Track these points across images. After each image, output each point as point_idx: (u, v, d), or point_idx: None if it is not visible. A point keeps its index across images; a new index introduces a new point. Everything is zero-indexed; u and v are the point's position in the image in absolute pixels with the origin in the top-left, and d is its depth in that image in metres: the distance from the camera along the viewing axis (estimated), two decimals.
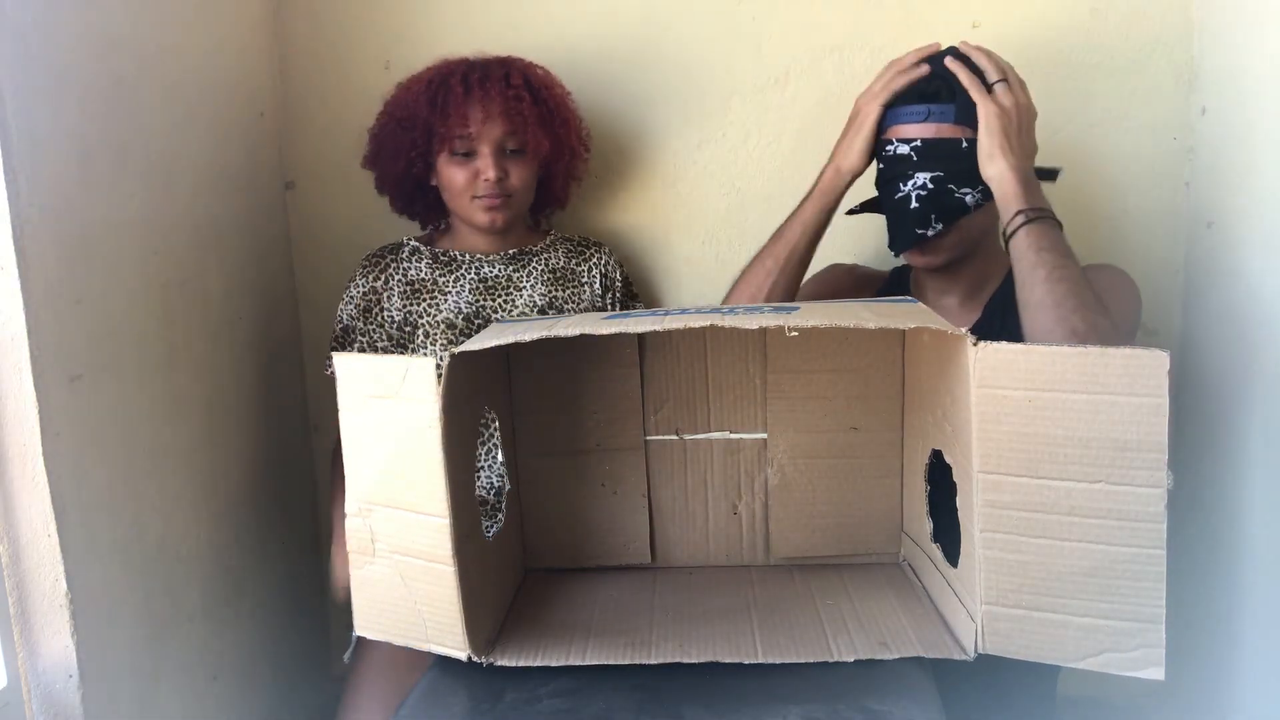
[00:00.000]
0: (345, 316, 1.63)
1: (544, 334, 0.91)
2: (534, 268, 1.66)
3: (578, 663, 0.98)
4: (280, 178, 1.84)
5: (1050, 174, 1.45)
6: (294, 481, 1.85)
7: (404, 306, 1.61)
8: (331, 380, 1.00)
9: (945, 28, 1.71)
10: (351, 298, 1.63)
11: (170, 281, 1.45)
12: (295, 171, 1.85)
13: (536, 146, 1.56)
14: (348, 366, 0.96)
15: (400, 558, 0.97)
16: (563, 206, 1.75)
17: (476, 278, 1.63)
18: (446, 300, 1.61)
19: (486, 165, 1.53)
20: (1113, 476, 0.85)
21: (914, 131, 1.35)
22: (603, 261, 1.69)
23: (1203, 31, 1.65)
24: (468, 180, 1.55)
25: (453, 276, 1.63)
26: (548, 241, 1.69)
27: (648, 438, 1.21)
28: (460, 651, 0.97)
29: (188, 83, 1.52)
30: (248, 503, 1.66)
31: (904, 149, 1.35)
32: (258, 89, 1.76)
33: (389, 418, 0.94)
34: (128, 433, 1.34)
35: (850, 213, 1.53)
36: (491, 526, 1.13)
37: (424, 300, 1.61)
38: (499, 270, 1.64)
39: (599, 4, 1.78)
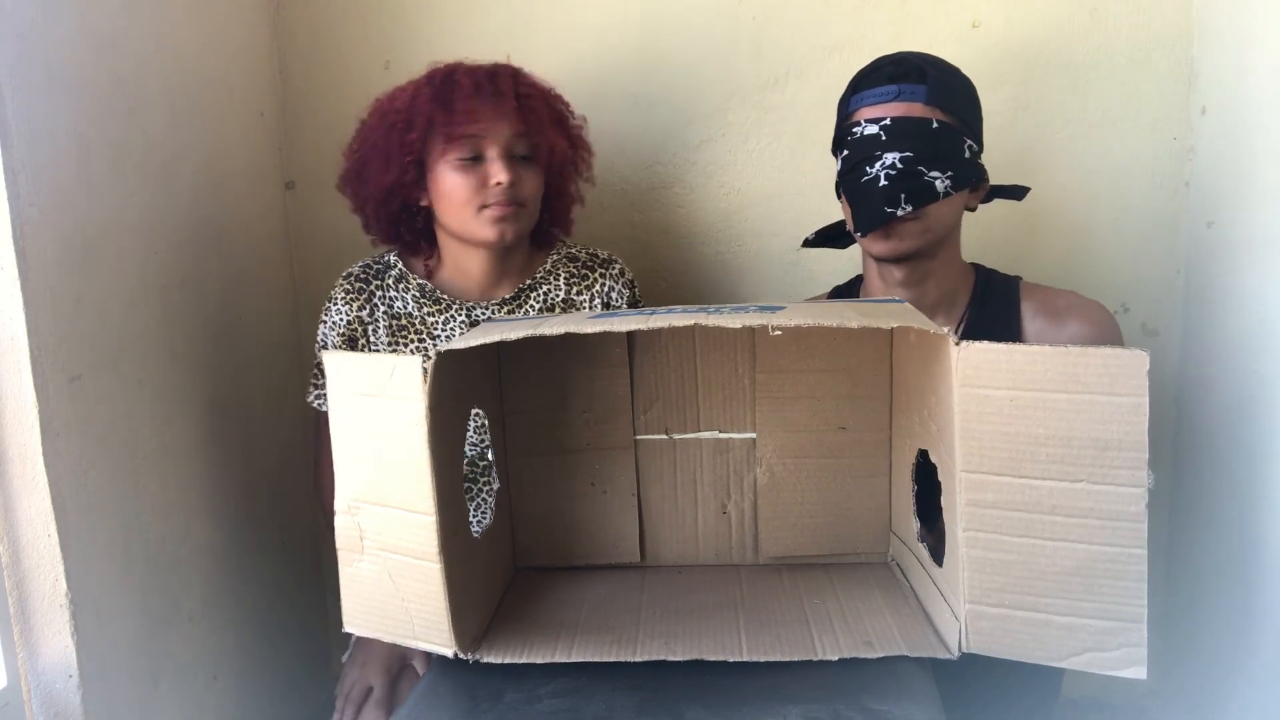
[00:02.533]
0: (329, 343, 1.50)
1: (529, 333, 0.92)
2: (530, 307, 1.51)
3: (563, 660, 0.99)
4: (280, 178, 1.86)
5: (1019, 192, 1.44)
6: (293, 481, 1.86)
7: (390, 343, 1.50)
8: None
9: (945, 28, 1.71)
10: (335, 324, 1.49)
11: (170, 281, 1.46)
12: (295, 171, 1.87)
13: (551, 150, 1.43)
14: (337, 365, 0.97)
15: (388, 555, 0.97)
16: (566, 232, 1.60)
17: (468, 320, 1.49)
18: (436, 346, 1.46)
19: (499, 169, 1.37)
20: (1094, 476, 0.85)
21: (883, 111, 1.32)
22: (606, 287, 1.53)
23: (1203, 31, 1.64)
24: (475, 188, 1.38)
25: (441, 318, 1.49)
26: (550, 265, 1.53)
27: (637, 437, 1.21)
28: (446, 648, 0.97)
29: (187, 82, 1.53)
30: (248, 503, 1.67)
31: (872, 129, 1.31)
32: (258, 89, 1.77)
33: (377, 416, 0.94)
34: (128, 433, 1.35)
35: (806, 244, 1.53)
36: (480, 524, 1.13)
37: (411, 341, 1.49)
38: (491, 314, 1.50)
39: (599, 3, 1.78)
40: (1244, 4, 1.52)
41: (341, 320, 1.49)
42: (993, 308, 1.40)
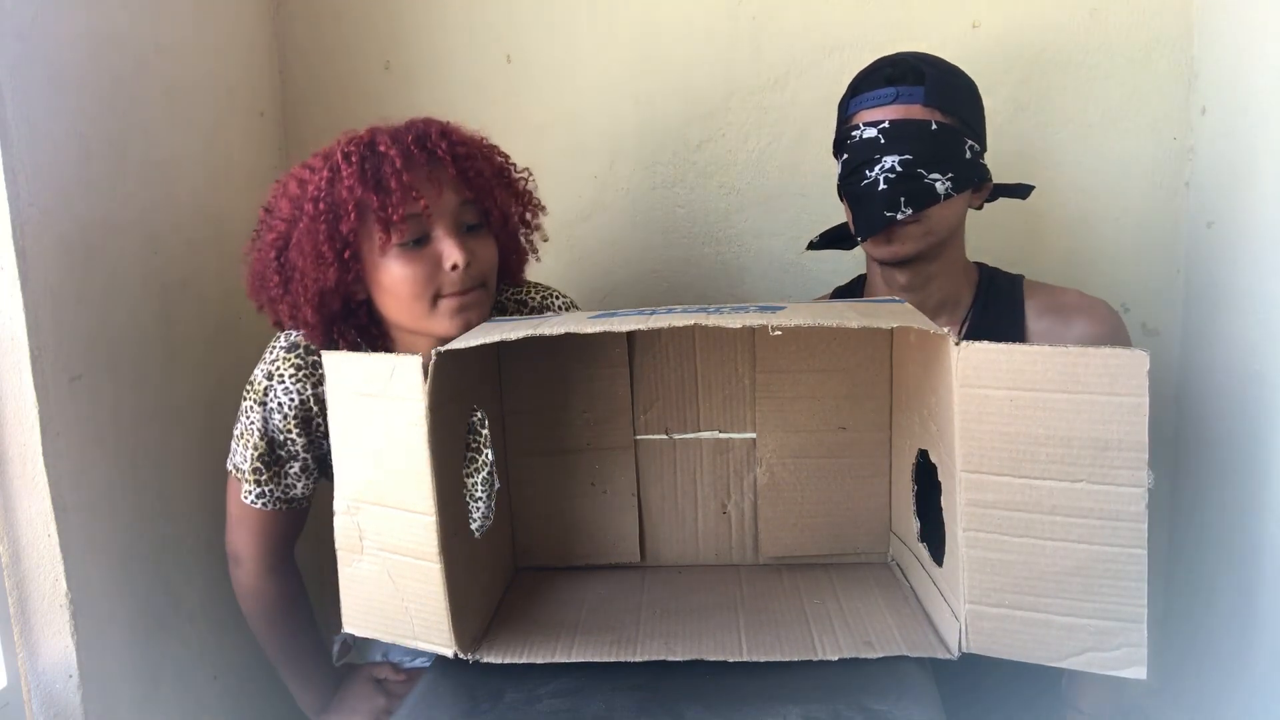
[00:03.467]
0: (273, 428, 1.27)
1: (529, 333, 0.92)
2: None
3: (564, 660, 0.99)
4: (280, 178, 1.85)
5: (1023, 190, 1.44)
6: None
7: None
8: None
9: (945, 28, 1.71)
10: (282, 407, 1.26)
11: (170, 281, 1.46)
12: None
13: (503, 214, 1.26)
14: (337, 365, 0.97)
15: (388, 555, 0.97)
16: (516, 283, 1.41)
17: None
18: None
19: (451, 249, 1.17)
20: (1094, 476, 0.85)
21: (881, 114, 1.31)
22: None
23: (1203, 31, 1.64)
24: (427, 277, 1.18)
25: None
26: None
27: (637, 437, 1.21)
28: (446, 648, 0.97)
29: (187, 82, 1.53)
30: None
31: (871, 132, 1.31)
32: (258, 89, 1.77)
33: (377, 416, 0.95)
34: (128, 433, 1.35)
35: (810, 247, 1.53)
36: (480, 524, 1.13)
37: None
38: None
39: (599, 3, 1.78)
40: (1244, 4, 1.52)
41: (293, 401, 1.26)
42: (996, 308, 1.40)
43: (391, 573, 0.98)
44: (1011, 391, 0.86)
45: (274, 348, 1.29)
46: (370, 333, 1.29)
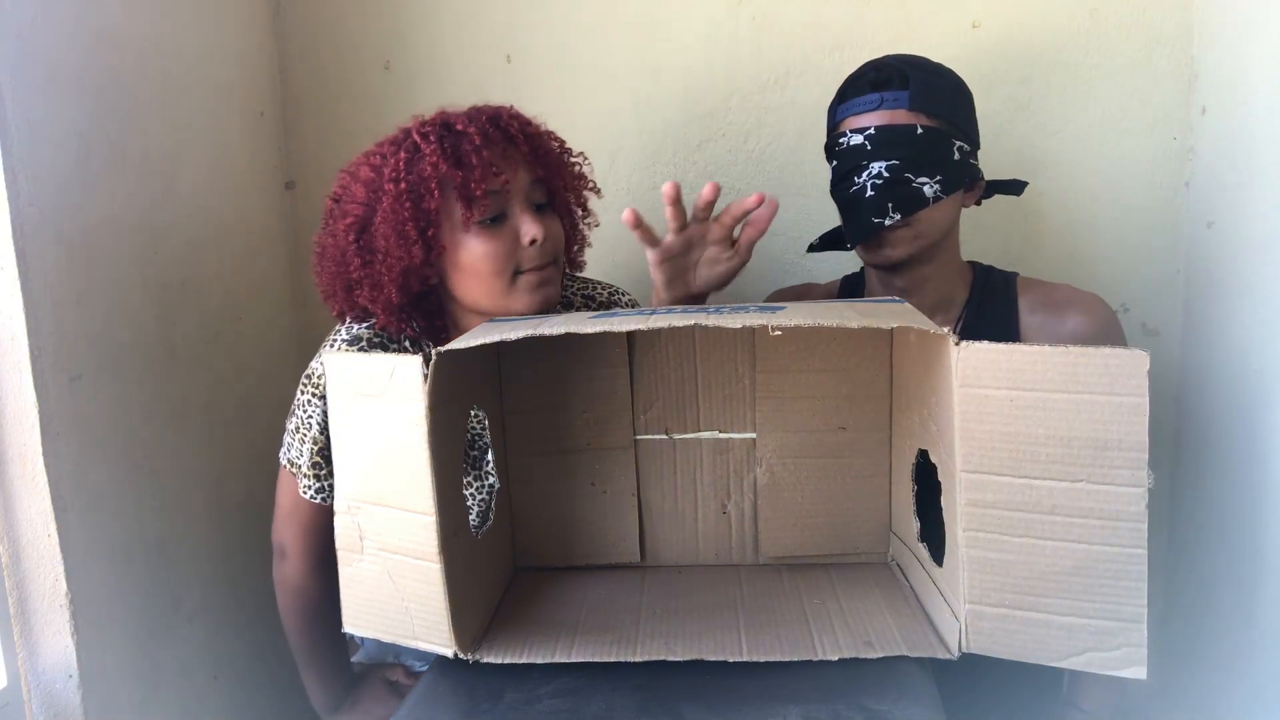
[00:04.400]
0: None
1: (529, 333, 0.92)
2: None
3: (564, 660, 0.98)
4: (280, 178, 1.85)
5: (1017, 187, 1.44)
6: None
7: None
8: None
9: (945, 28, 1.71)
10: None
11: (170, 281, 1.46)
12: (295, 171, 1.87)
13: (567, 195, 1.31)
14: (337, 365, 0.97)
15: (388, 555, 0.97)
16: (575, 267, 1.45)
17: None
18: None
19: (529, 224, 1.21)
20: (1094, 476, 0.85)
21: (867, 120, 1.32)
22: None
23: (1203, 31, 1.64)
24: (507, 252, 1.21)
25: None
26: None
27: (637, 437, 1.20)
28: (446, 648, 0.97)
29: (187, 82, 1.53)
30: (247, 503, 1.67)
31: (857, 139, 1.32)
32: (258, 89, 1.77)
33: (377, 416, 0.94)
34: (128, 433, 1.35)
35: (811, 249, 1.53)
36: (481, 525, 1.13)
37: None
38: None
39: (599, 3, 1.78)
40: (1244, 4, 1.52)
41: None
42: (990, 306, 1.40)
43: (391, 573, 0.98)
44: (1012, 391, 0.86)
45: (334, 340, 1.30)
46: (434, 324, 1.30)
